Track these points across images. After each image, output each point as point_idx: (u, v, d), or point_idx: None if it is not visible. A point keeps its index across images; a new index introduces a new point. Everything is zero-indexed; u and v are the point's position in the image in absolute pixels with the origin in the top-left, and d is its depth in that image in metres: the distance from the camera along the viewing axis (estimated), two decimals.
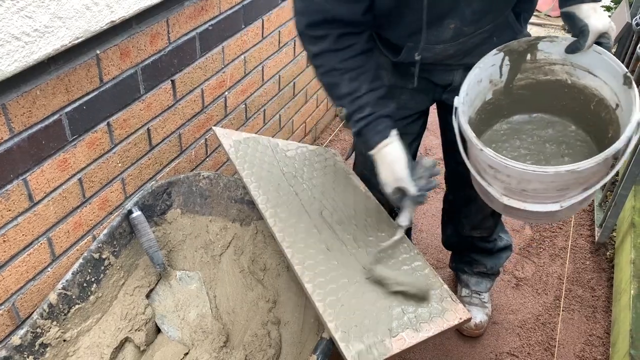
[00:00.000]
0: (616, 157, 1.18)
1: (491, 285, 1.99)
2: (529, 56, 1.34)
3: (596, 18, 1.24)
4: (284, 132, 2.35)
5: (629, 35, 2.45)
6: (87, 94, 1.29)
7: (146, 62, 1.43)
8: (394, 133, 1.24)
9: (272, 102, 2.17)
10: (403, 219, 1.27)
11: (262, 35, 1.94)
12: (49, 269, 1.34)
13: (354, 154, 1.74)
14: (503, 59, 1.34)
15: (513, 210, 1.31)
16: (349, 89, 1.22)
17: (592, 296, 2.06)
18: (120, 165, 1.46)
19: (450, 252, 2.09)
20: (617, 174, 2.11)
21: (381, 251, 1.31)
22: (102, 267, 1.40)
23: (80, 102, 1.28)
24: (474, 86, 1.33)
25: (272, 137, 2.22)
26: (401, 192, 1.24)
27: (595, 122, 1.30)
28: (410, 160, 1.24)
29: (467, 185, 1.73)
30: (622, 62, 2.46)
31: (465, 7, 1.22)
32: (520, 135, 1.42)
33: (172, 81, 1.56)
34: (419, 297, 1.24)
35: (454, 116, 1.28)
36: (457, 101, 1.28)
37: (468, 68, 1.37)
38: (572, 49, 1.28)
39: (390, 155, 1.23)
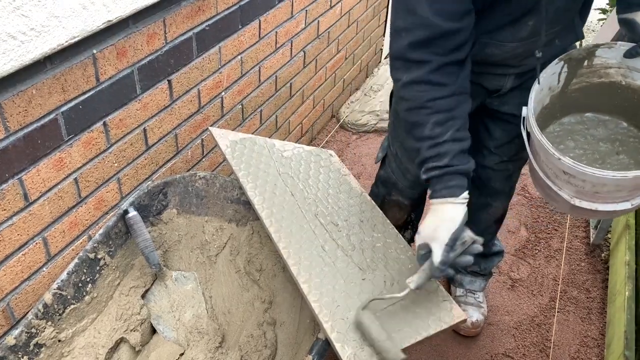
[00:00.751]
0: None
1: (485, 285, 2.00)
2: (586, 62, 1.36)
3: None
4: (280, 133, 2.35)
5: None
6: (84, 93, 1.29)
7: (143, 62, 1.43)
8: (464, 195, 1.13)
9: (269, 102, 2.17)
10: (414, 281, 1.15)
11: (259, 36, 1.94)
12: (44, 269, 1.33)
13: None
14: (562, 67, 1.35)
15: (581, 210, 1.34)
16: (433, 132, 1.12)
17: (587, 297, 2.07)
18: (116, 165, 1.46)
19: None
20: None
21: (379, 299, 1.20)
22: (98, 267, 1.40)
23: (77, 101, 1.28)
24: (537, 94, 1.34)
25: (269, 137, 2.23)
26: (428, 250, 1.13)
27: None
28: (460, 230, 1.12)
29: (486, 192, 1.71)
30: None
31: (548, 5, 1.19)
32: (574, 136, 1.45)
33: (169, 81, 1.55)
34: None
35: (522, 126, 1.27)
36: (527, 112, 1.28)
37: (520, 75, 1.38)
38: (631, 54, 1.28)
39: (449, 214, 1.12)
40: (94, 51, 1.28)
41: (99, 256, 1.40)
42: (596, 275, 2.15)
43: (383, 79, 3.17)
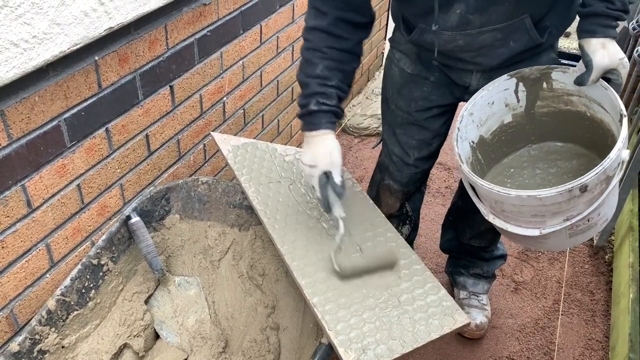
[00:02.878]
0: (584, 190, 1.17)
1: (488, 287, 2.00)
2: (544, 84, 1.36)
3: (602, 54, 1.25)
4: (282, 137, 2.36)
5: (626, 38, 2.46)
6: (86, 99, 1.29)
7: (145, 68, 1.44)
8: (330, 130, 1.31)
9: (271, 107, 2.17)
10: (339, 211, 1.29)
11: (261, 41, 1.94)
12: (47, 275, 1.33)
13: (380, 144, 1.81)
14: (517, 84, 1.37)
15: (501, 229, 1.34)
16: (323, 74, 1.30)
17: (591, 300, 2.06)
18: (119, 170, 1.46)
19: (446, 257, 2.09)
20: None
21: (335, 252, 1.30)
22: (101, 273, 1.40)
23: (79, 108, 1.28)
24: (483, 107, 1.37)
25: (271, 142, 2.23)
26: (326, 178, 1.29)
27: None
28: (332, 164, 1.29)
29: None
30: None
31: None
32: (542, 164, 1.44)
33: (171, 87, 1.56)
34: (388, 266, 1.30)
35: (455, 138, 1.34)
36: (458, 120, 1.34)
37: (485, 72, 1.42)
38: (578, 82, 1.30)
39: (334, 143, 1.30)
40: (96, 58, 1.28)
41: (102, 262, 1.40)
42: (600, 278, 2.14)
43: None
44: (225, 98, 1.84)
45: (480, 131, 1.42)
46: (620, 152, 1.17)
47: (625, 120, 1.20)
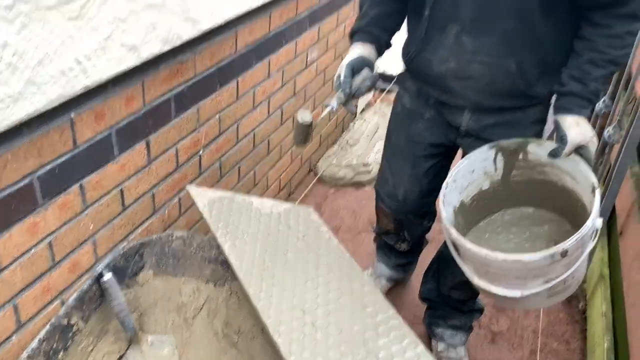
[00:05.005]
0: (564, 255, 1.24)
1: (466, 339, 1.99)
2: (521, 155, 1.47)
3: (577, 131, 1.36)
4: (258, 189, 2.36)
5: (593, 117, 2.57)
6: (60, 156, 1.28)
7: (121, 124, 1.44)
8: (365, 43, 1.55)
9: (247, 159, 2.19)
10: (331, 100, 1.48)
11: (237, 96, 1.97)
12: (13, 338, 1.29)
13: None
14: (496, 154, 1.48)
15: (485, 291, 1.38)
16: (366, 10, 1.58)
17: (567, 349, 2.07)
18: (92, 227, 1.44)
19: (424, 308, 2.09)
20: None
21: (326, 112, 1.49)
22: (70, 334, 1.35)
23: (53, 165, 1.27)
24: (465, 174, 1.48)
25: (247, 193, 2.23)
26: (339, 76, 1.49)
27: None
28: (360, 63, 1.49)
29: None
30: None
31: (465, 14, 1.38)
32: (515, 229, 1.53)
33: (147, 142, 1.56)
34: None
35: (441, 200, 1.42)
36: (443, 186, 1.43)
37: (474, 112, 1.54)
38: (552, 155, 1.40)
39: (352, 50, 1.54)
40: (72, 115, 1.28)
41: (72, 322, 1.36)
42: (575, 326, 2.16)
43: (358, 133, 3.24)
44: (201, 151, 1.85)
45: (461, 196, 1.50)
46: (595, 221, 1.26)
47: (597, 192, 1.29)
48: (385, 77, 3.63)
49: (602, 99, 2.45)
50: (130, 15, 1.33)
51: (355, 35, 1.56)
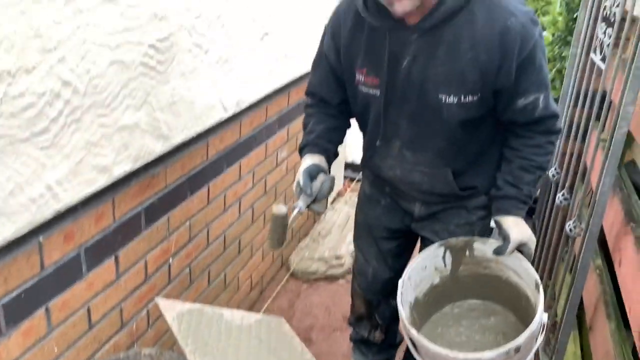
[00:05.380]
0: (517, 350, 1.32)
1: None
2: (467, 252, 1.57)
3: (518, 231, 1.49)
4: (229, 291, 2.34)
5: (547, 185, 2.68)
6: (26, 281, 1.27)
7: (90, 243, 1.44)
8: (315, 154, 1.61)
9: (217, 261, 2.18)
10: (299, 203, 1.53)
11: (208, 201, 2.00)
12: None
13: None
14: (445, 252, 1.58)
15: None
16: (312, 127, 1.66)
17: None
18: (56, 350, 1.40)
19: None
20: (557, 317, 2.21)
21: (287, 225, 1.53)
22: None
23: (18, 291, 1.25)
24: (418, 271, 1.56)
25: (218, 296, 2.21)
26: (309, 179, 1.54)
27: (528, 317, 1.44)
28: (315, 170, 1.55)
29: None
30: (544, 213, 2.65)
31: (403, 133, 1.53)
32: (465, 322, 1.61)
33: (116, 257, 1.55)
34: None
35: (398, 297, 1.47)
36: (399, 284, 1.48)
37: (424, 203, 1.67)
38: (497, 252, 1.51)
39: (303, 161, 1.60)
40: (40, 239, 1.28)
41: None
42: None
43: (330, 223, 3.27)
44: (171, 259, 1.84)
45: (415, 292, 1.57)
46: (542, 316, 1.34)
47: (541, 288, 1.38)
48: (355, 167, 3.73)
49: (554, 166, 2.57)
50: (102, 139, 1.37)
51: (304, 149, 1.65)
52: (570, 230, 2.17)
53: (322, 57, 1.61)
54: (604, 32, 2.12)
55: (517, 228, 1.49)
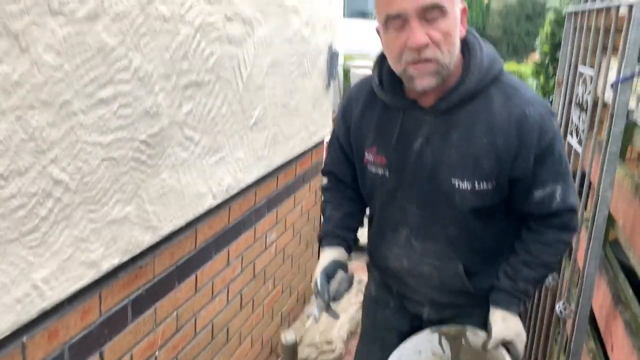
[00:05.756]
0: None
1: None
2: (463, 341, 1.52)
3: (501, 326, 1.41)
4: None
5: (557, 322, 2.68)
6: None
7: (75, 339, 1.41)
8: (333, 246, 1.57)
9: (206, 351, 2.12)
10: (314, 310, 1.51)
11: (196, 289, 1.98)
12: None
13: None
14: (440, 338, 1.53)
15: None
16: (329, 213, 1.64)
17: None
18: None
19: None
20: None
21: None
22: None
23: None
24: (411, 355, 1.50)
25: None
26: (326, 279, 1.50)
27: None
28: (333, 268, 1.50)
29: None
30: (534, 293, 2.64)
31: (412, 220, 1.47)
32: None
33: (101, 353, 1.52)
34: None
35: None
36: None
37: (433, 305, 1.58)
38: (482, 347, 1.45)
39: (321, 258, 1.56)
40: (24, 339, 1.25)
41: None
42: None
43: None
44: (157, 352, 1.80)
45: None
46: None
47: None
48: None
49: (562, 302, 2.56)
50: (91, 234, 1.37)
51: (323, 239, 1.61)
52: (561, 312, 2.16)
53: (335, 137, 1.61)
54: (579, 117, 2.21)
55: (503, 323, 1.41)
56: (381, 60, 1.43)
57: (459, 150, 1.34)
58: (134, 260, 1.60)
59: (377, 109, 1.46)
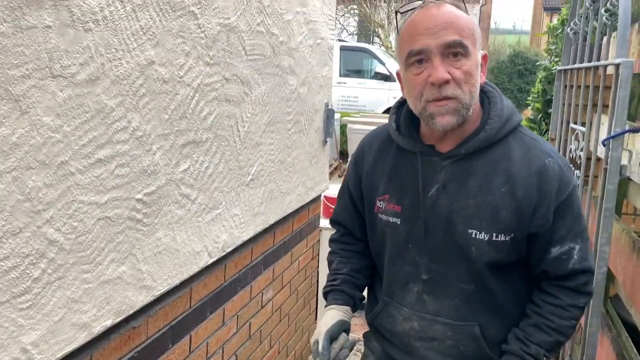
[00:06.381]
0: None
1: None
2: None
3: None
4: None
5: None
6: None
7: None
8: (340, 305, 1.52)
9: None
10: None
11: (190, 350, 1.93)
12: None
13: None
14: None
15: None
16: (336, 266, 1.60)
17: None
18: None
19: None
20: None
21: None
22: None
23: None
24: None
25: None
26: (316, 344, 1.44)
27: None
28: (337, 330, 1.45)
29: None
30: None
31: (425, 274, 1.39)
32: None
33: None
34: None
35: None
36: None
37: None
38: None
39: (326, 316, 1.50)
40: None
41: None
42: None
43: None
44: None
45: None
46: None
47: None
48: None
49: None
50: (84, 295, 1.35)
51: (329, 295, 1.55)
52: None
53: (345, 187, 1.59)
54: (573, 174, 2.23)
55: None
56: (399, 106, 1.44)
57: (477, 199, 1.29)
58: (127, 320, 1.56)
59: (391, 155, 1.43)
